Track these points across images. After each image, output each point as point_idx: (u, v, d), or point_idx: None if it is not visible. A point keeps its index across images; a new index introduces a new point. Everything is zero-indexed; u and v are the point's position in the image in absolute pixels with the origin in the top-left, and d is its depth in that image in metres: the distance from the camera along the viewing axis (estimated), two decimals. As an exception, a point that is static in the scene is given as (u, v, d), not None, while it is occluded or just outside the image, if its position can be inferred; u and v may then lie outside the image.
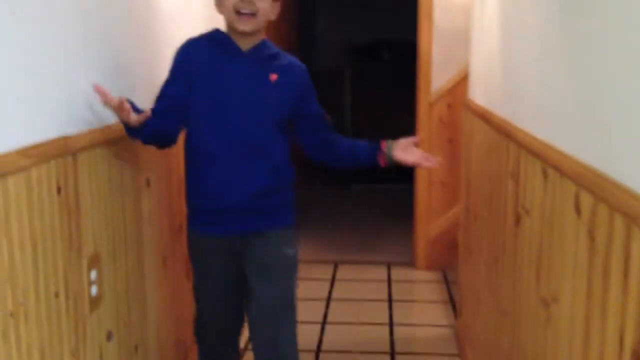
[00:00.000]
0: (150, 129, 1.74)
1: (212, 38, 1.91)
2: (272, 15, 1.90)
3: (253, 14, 1.81)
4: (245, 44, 1.88)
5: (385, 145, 1.96)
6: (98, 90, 1.54)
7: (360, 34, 6.49)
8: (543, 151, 1.51)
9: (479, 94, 2.54)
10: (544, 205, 1.51)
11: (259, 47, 1.90)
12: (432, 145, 3.76)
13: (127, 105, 1.59)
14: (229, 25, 1.87)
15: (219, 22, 1.94)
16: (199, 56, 1.88)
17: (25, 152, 1.30)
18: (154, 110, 1.79)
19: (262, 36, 1.91)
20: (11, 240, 1.26)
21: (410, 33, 4.41)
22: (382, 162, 1.97)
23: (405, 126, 3.72)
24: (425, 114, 3.77)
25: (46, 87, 1.41)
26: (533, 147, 1.60)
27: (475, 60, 2.67)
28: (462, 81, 3.55)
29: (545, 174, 1.50)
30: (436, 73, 3.72)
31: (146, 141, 1.81)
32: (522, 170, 1.73)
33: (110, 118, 1.71)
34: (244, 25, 1.83)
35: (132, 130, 1.70)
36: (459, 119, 3.62)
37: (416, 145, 2.01)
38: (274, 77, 1.89)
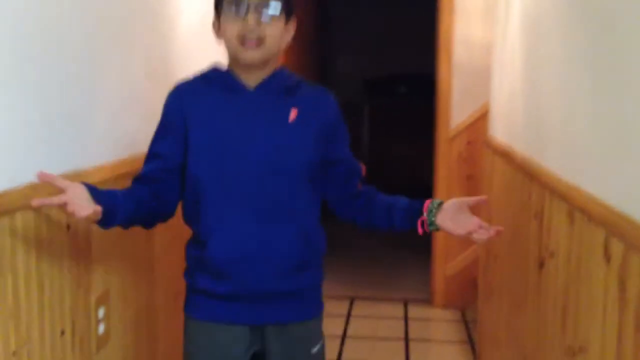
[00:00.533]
0: (132, 205, 1.41)
1: (208, 77, 1.53)
2: (285, 41, 1.54)
3: (260, 41, 1.45)
4: (252, 79, 1.50)
5: (427, 207, 1.49)
6: (42, 178, 1.24)
7: (379, 68, 6.50)
8: (569, 193, 1.45)
9: (500, 131, 2.49)
10: (570, 250, 1.44)
11: (272, 80, 1.52)
12: (451, 182, 3.71)
13: (73, 201, 1.23)
14: (232, 57, 1.50)
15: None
16: (194, 102, 1.50)
17: (35, 188, 1.27)
18: (140, 177, 1.50)
19: (274, 65, 1.53)
20: (17, 277, 1.22)
21: (428, 66, 4.39)
22: (420, 230, 1.50)
23: (424, 162, 3.67)
24: (445, 149, 3.72)
25: (57, 121, 1.39)
26: (558, 188, 1.54)
27: (496, 96, 2.63)
28: (482, 117, 3.50)
29: (571, 218, 1.44)
30: (455, 108, 3.68)
31: (128, 223, 1.43)
32: (546, 211, 1.67)
33: (123, 152, 1.68)
34: (250, 56, 1.45)
35: (104, 219, 1.32)
36: (478, 156, 3.56)
37: (475, 206, 1.51)
38: (293, 113, 1.50)
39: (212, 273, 1.49)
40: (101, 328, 1.57)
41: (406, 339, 3.37)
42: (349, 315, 3.69)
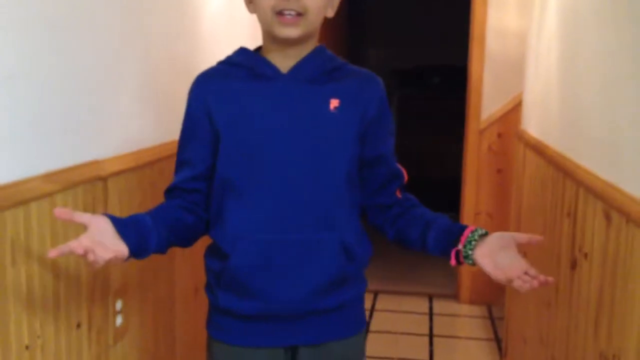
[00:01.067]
0: (164, 230, 1.25)
1: (235, 63, 1.32)
2: (330, 12, 1.31)
3: (300, 14, 1.23)
4: (287, 60, 1.29)
5: (467, 237, 1.23)
6: (60, 215, 1.12)
7: (408, 58, 6.40)
8: (606, 192, 1.38)
9: (533, 124, 2.41)
10: (606, 252, 1.37)
11: (310, 61, 1.29)
12: (480, 175, 3.63)
13: (94, 246, 1.08)
14: (266, 32, 1.29)
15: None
16: (218, 94, 1.30)
17: (50, 178, 1.24)
18: (171, 189, 1.34)
19: (313, 44, 1.31)
20: (31, 269, 1.20)
21: (459, 57, 4.29)
22: (453, 261, 1.26)
23: (453, 154, 3.59)
24: (475, 142, 3.63)
25: (74, 109, 1.36)
26: (594, 186, 1.46)
27: (530, 88, 2.54)
28: (514, 109, 3.41)
29: (608, 218, 1.36)
30: (487, 100, 3.59)
31: (163, 249, 1.27)
32: (580, 210, 1.60)
33: (143, 143, 1.65)
34: (288, 30, 1.24)
35: (135, 254, 1.19)
36: (509, 149, 3.48)
37: (522, 245, 1.21)
38: (334, 103, 1.28)
39: (237, 290, 1.29)
40: (119, 320, 1.55)
41: (431, 335, 3.31)
42: (372, 309, 3.64)
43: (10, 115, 1.15)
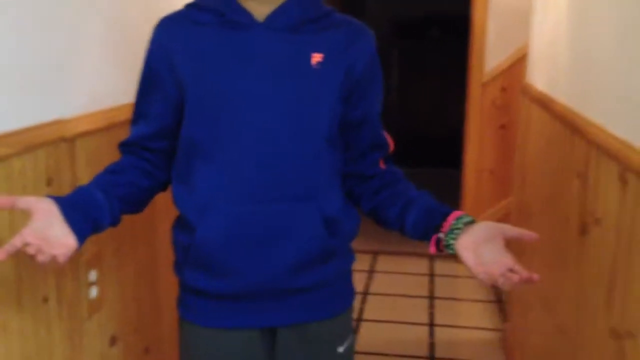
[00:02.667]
0: (117, 203, 1.12)
1: (204, 7, 1.14)
2: None
3: None
4: (263, 7, 1.12)
5: (450, 224, 1.10)
6: (1, 203, 1.00)
7: (409, 8, 6.16)
8: (621, 152, 1.25)
9: (539, 78, 2.26)
10: (620, 218, 1.25)
11: (289, 8, 1.12)
12: (483, 131, 3.49)
13: (36, 238, 0.96)
14: None
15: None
16: (183, 42, 1.13)
17: (5, 140, 1.11)
18: (127, 144, 1.20)
19: None
20: (-17, 241, 1.08)
21: (461, 7, 4.11)
22: (433, 248, 1.13)
23: (455, 109, 3.45)
24: (477, 96, 3.49)
25: (33, 62, 1.22)
26: (608, 145, 1.33)
27: (536, 39, 2.39)
28: (519, 62, 3.26)
29: (623, 180, 1.24)
30: (490, 52, 3.42)
31: (118, 222, 1.15)
32: (591, 171, 1.47)
33: (115, 99, 1.51)
34: None
35: (87, 234, 1.06)
36: (513, 104, 3.34)
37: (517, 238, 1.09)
38: (317, 57, 1.12)
39: (205, 267, 1.16)
40: (93, 292, 1.44)
41: (431, 297, 3.23)
42: (371, 270, 3.55)
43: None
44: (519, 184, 2.57)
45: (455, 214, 1.12)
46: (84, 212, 1.06)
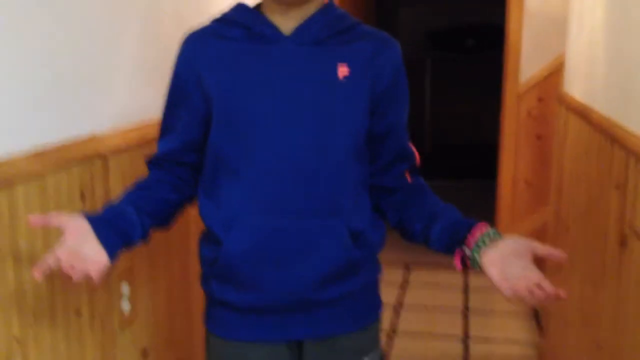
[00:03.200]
0: (148, 219, 1.13)
1: (230, 21, 1.14)
2: None
3: None
4: (290, 19, 1.11)
5: (476, 238, 1.08)
6: (34, 222, 1.02)
7: (442, 18, 6.13)
8: (662, 163, 1.21)
9: (577, 87, 2.22)
10: (662, 231, 1.21)
11: (316, 21, 1.12)
12: (519, 141, 3.44)
13: (69, 255, 0.98)
14: None
15: None
16: (210, 56, 1.13)
17: (39, 156, 1.13)
18: (155, 160, 1.21)
19: (321, 1, 1.15)
20: (19, 258, 1.09)
21: (496, 16, 4.07)
22: (458, 265, 1.12)
23: (491, 121, 3.41)
24: (513, 107, 3.44)
25: (68, 78, 1.24)
26: (648, 156, 1.30)
27: (573, 48, 2.34)
28: (556, 72, 3.20)
29: (664, 192, 1.20)
30: (526, 62, 3.37)
31: (147, 238, 1.16)
32: (631, 182, 1.43)
33: (147, 115, 1.52)
34: None
35: (119, 251, 1.08)
36: (550, 114, 3.28)
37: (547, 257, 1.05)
38: (343, 70, 1.11)
39: (232, 280, 1.15)
40: (125, 305, 1.45)
41: (465, 310, 3.18)
42: (404, 282, 3.51)
43: (-10, 86, 1.04)
44: (555, 195, 2.52)
45: (481, 228, 1.09)
46: (116, 229, 1.07)
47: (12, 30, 1.07)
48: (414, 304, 3.25)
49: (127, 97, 1.46)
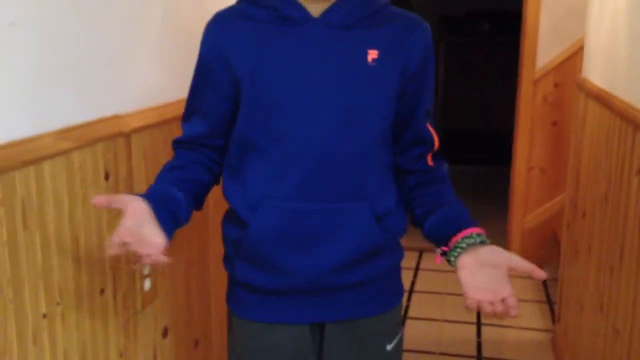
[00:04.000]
0: (192, 199, 1.15)
1: (259, 3, 1.12)
2: None
3: None
4: (318, 3, 1.10)
5: (454, 242, 1.09)
6: (98, 204, 1.04)
7: (458, 3, 6.08)
8: (688, 148, 1.20)
9: (596, 72, 2.20)
10: (686, 217, 1.20)
11: (345, 4, 1.10)
12: (534, 128, 3.41)
13: (133, 235, 0.98)
14: None
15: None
16: (237, 38, 1.11)
17: (65, 134, 1.14)
18: (186, 141, 1.20)
19: None
20: (46, 235, 1.11)
21: (512, 1, 4.03)
22: (437, 260, 1.14)
23: (505, 107, 3.39)
24: (528, 92, 3.41)
25: (91, 59, 1.24)
26: (673, 141, 1.29)
27: (593, 32, 2.32)
28: (574, 56, 3.18)
29: (690, 178, 1.19)
30: (542, 47, 3.34)
31: (192, 210, 1.16)
32: (654, 168, 1.42)
33: (167, 95, 1.53)
34: None
35: (172, 233, 1.09)
36: (567, 100, 3.25)
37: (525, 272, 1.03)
38: (373, 54, 1.10)
39: (256, 262, 1.16)
40: (147, 284, 1.46)
41: (479, 295, 3.18)
42: (417, 268, 3.52)
43: (19, 65, 1.04)
44: (572, 182, 2.51)
45: (466, 232, 1.09)
46: (168, 209, 1.08)
47: (38, 14, 1.08)
48: (427, 289, 3.26)
49: (148, 78, 1.47)
